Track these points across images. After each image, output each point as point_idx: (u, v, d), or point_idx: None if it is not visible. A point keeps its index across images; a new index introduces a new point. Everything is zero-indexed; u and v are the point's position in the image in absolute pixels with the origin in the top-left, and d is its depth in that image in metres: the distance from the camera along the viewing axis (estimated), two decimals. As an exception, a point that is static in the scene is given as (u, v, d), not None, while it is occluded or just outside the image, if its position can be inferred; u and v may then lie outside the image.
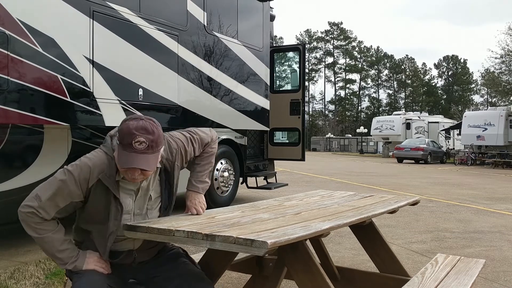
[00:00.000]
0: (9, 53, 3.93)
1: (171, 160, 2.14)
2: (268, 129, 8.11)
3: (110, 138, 2.01)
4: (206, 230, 1.87)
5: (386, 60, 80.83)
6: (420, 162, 27.65)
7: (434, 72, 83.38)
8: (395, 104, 78.25)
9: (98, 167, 1.91)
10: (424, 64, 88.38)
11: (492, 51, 74.25)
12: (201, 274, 2.13)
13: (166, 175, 2.13)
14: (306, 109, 25.09)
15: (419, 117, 38.43)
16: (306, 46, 21.72)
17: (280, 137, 9.92)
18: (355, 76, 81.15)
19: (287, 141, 9.71)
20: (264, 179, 8.30)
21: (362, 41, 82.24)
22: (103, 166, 1.92)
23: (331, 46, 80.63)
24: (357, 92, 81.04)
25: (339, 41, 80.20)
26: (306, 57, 21.10)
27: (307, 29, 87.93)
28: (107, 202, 1.95)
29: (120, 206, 1.98)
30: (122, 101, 4.99)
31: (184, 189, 2.39)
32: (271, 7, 8.29)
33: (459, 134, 29.43)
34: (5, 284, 3.41)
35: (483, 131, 25.83)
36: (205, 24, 6.48)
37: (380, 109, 78.18)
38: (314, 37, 79.93)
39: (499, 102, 47.51)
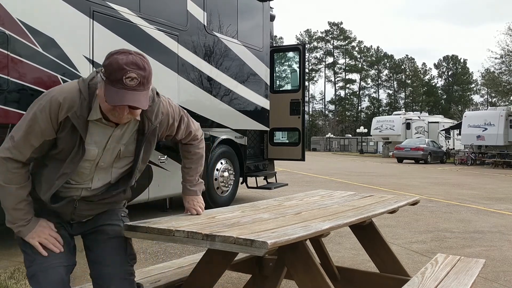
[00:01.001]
0: (9, 53, 3.93)
1: (152, 122, 1.94)
2: (268, 129, 8.11)
3: (96, 73, 1.82)
4: (206, 230, 1.87)
5: (386, 60, 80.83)
6: (420, 162, 27.65)
7: (434, 72, 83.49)
8: (395, 104, 78.26)
9: (68, 103, 1.77)
10: (424, 64, 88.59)
11: (492, 51, 74.40)
12: (127, 272, 2.01)
13: (141, 136, 1.94)
14: (306, 109, 25.11)
15: (419, 117, 38.43)
16: (306, 46, 21.73)
17: (280, 137, 9.93)
18: (355, 76, 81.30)
19: (287, 141, 9.72)
20: (264, 179, 8.30)
21: (362, 41, 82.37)
22: (73, 104, 1.77)
23: (331, 46, 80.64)
24: (357, 92, 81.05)
25: (339, 41, 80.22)
26: (306, 57, 21.09)
27: (307, 29, 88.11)
28: (73, 142, 1.81)
29: (83, 150, 1.83)
30: (122, 101, 4.98)
31: (180, 190, 2.37)
32: (271, 7, 8.29)
33: (459, 134, 29.43)
34: (5, 284, 3.41)
35: (483, 131, 25.84)
36: (205, 24, 6.48)
37: (380, 109, 78.19)
38: (314, 37, 79.94)
39: (499, 102, 47.54)
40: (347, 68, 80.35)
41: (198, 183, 2.32)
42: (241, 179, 7.69)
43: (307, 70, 69.15)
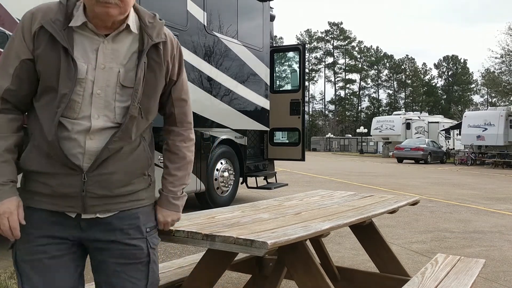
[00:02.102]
0: (9, 53, 3.92)
1: (152, 38, 1.61)
2: (268, 129, 8.11)
3: None
4: (206, 230, 1.87)
5: (386, 60, 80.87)
6: (420, 162, 27.66)
7: (434, 72, 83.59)
8: (395, 104, 78.29)
9: (42, 12, 1.53)
10: (424, 64, 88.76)
11: (492, 51, 74.54)
12: None
13: (139, 55, 1.58)
14: (306, 109, 25.11)
15: (419, 117, 38.45)
16: (306, 46, 21.73)
17: (280, 137, 9.93)
18: (355, 76, 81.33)
19: (287, 141, 9.72)
20: (264, 179, 8.30)
21: (362, 41, 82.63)
22: (48, 12, 1.53)
23: (331, 46, 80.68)
24: (357, 92, 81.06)
25: (339, 41, 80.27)
26: (306, 57, 21.10)
27: (307, 29, 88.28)
28: (55, 56, 1.49)
29: (74, 63, 1.49)
30: (122, 101, 4.98)
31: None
32: (271, 7, 8.29)
33: (459, 134, 29.45)
34: (5, 284, 3.41)
35: (483, 131, 25.86)
36: (205, 24, 6.48)
37: (380, 109, 78.22)
38: (314, 37, 79.98)
39: (499, 102, 47.56)
40: (347, 68, 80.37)
41: (182, 196, 1.81)
42: (241, 179, 7.69)
43: (307, 70, 69.20)
